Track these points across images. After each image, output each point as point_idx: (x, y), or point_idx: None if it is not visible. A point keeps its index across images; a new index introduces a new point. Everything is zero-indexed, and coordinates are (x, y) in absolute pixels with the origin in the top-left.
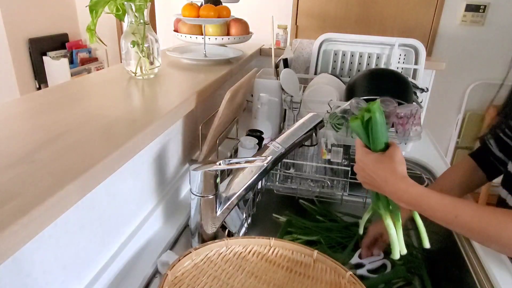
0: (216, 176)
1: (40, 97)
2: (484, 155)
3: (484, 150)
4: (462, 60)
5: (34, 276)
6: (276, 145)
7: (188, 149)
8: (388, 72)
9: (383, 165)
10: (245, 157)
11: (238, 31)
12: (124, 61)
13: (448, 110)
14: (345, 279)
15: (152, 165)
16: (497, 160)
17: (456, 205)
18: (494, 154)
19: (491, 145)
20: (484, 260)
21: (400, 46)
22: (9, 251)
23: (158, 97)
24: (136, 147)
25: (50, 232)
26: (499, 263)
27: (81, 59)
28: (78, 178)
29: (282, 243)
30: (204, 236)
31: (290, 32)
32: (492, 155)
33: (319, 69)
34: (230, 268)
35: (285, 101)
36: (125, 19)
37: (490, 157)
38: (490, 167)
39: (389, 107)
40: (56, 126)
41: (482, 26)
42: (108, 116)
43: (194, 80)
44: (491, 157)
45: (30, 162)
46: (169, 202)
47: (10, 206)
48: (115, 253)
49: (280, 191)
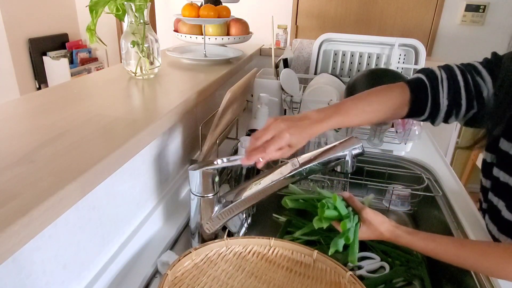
0: (215, 175)
1: (40, 97)
2: (423, 93)
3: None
4: (462, 60)
5: (34, 276)
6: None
7: (188, 149)
8: (388, 72)
9: (370, 234)
10: None
11: (238, 31)
12: (124, 61)
13: None
14: (345, 279)
15: (152, 165)
16: (435, 104)
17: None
18: (438, 99)
19: (442, 88)
20: None
21: (400, 46)
22: (9, 251)
23: (158, 97)
24: (136, 147)
25: (50, 232)
26: None
27: (81, 59)
28: (78, 178)
29: (282, 243)
30: (204, 236)
31: (290, 32)
32: (435, 98)
33: (319, 69)
34: (230, 268)
35: (285, 101)
36: (125, 19)
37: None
38: (420, 106)
39: None
40: (56, 126)
41: (482, 26)
42: (108, 116)
43: (194, 80)
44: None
45: (30, 162)
46: (169, 202)
47: (10, 206)
48: (115, 253)
49: (280, 191)
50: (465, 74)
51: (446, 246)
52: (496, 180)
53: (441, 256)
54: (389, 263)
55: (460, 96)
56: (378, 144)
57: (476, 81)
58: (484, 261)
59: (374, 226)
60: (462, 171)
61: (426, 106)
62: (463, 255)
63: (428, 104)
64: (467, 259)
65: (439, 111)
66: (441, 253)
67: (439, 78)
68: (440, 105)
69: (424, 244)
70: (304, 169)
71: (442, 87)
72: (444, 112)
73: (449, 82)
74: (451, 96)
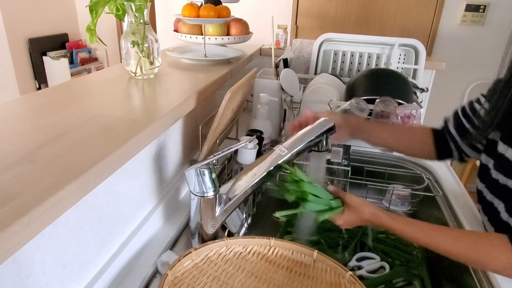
0: (211, 172)
1: (40, 97)
2: (441, 131)
3: (443, 127)
4: (462, 60)
5: (34, 276)
6: (283, 149)
7: (188, 149)
8: (388, 72)
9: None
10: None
11: (238, 31)
12: (124, 61)
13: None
14: (345, 279)
15: (152, 165)
16: (450, 137)
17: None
18: (449, 131)
19: (449, 122)
20: None
21: (400, 46)
22: (9, 251)
23: (158, 97)
24: (136, 147)
25: (50, 232)
26: None
27: (81, 59)
28: (78, 178)
29: (282, 243)
30: (204, 236)
31: (290, 32)
32: (448, 131)
33: (319, 69)
34: (230, 268)
35: (285, 101)
36: (125, 19)
37: (446, 133)
38: (443, 145)
39: (389, 107)
40: (56, 126)
41: (482, 26)
42: (108, 116)
43: (194, 80)
44: (446, 133)
45: (30, 162)
46: (169, 202)
47: (10, 206)
48: (115, 253)
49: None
50: (464, 105)
51: (426, 230)
52: (496, 182)
53: (421, 240)
54: (389, 263)
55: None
56: None
57: (472, 106)
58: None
59: (358, 209)
60: (462, 171)
61: (446, 139)
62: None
63: (446, 137)
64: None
65: (455, 138)
66: (420, 237)
67: (447, 118)
68: (452, 133)
69: (405, 226)
70: (291, 154)
71: (449, 121)
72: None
73: (454, 115)
74: (456, 124)
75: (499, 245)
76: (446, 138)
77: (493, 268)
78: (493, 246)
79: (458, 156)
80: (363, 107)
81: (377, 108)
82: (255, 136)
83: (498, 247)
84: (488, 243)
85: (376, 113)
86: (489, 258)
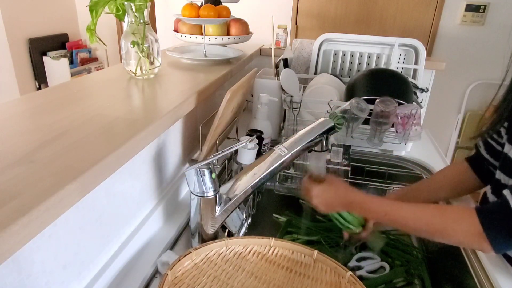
0: (211, 172)
1: (40, 97)
2: (477, 159)
3: (477, 154)
4: (462, 60)
5: (34, 276)
6: (283, 149)
7: (188, 149)
8: (388, 72)
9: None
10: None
11: (238, 31)
12: (124, 61)
13: (448, 110)
14: (345, 279)
15: (152, 165)
16: (486, 161)
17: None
18: (482, 155)
19: (480, 147)
20: (484, 260)
21: (400, 46)
22: (9, 251)
23: (158, 97)
24: (136, 147)
25: (50, 232)
26: (499, 264)
27: (81, 59)
28: (78, 178)
29: (282, 243)
30: (204, 236)
31: (290, 32)
32: (482, 156)
33: (319, 69)
34: (230, 268)
35: (285, 101)
36: (125, 19)
37: (483, 160)
38: (483, 170)
39: (389, 107)
40: (56, 126)
41: (482, 26)
42: (108, 116)
43: (194, 80)
44: (484, 161)
45: (30, 162)
46: (169, 202)
47: (10, 206)
48: (115, 253)
49: (280, 191)
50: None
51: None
52: (497, 182)
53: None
54: (389, 263)
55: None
56: (378, 144)
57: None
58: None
59: (334, 182)
60: None
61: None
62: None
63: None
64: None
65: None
66: (389, 210)
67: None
68: (485, 157)
69: (374, 202)
70: (291, 154)
71: (480, 146)
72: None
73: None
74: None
75: (464, 212)
76: (483, 163)
77: (455, 236)
78: (457, 213)
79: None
80: (363, 107)
81: (377, 108)
82: (255, 136)
83: (462, 214)
84: (454, 211)
85: (376, 113)
86: (452, 224)
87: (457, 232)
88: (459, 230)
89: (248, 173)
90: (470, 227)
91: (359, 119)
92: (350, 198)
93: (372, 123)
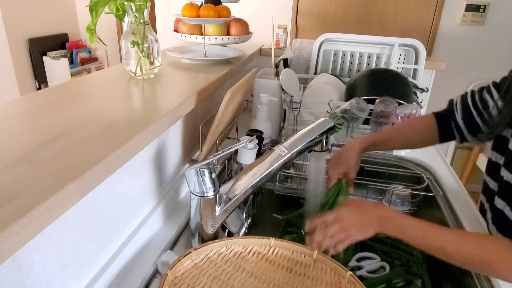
0: (211, 172)
1: (40, 97)
2: (446, 117)
3: (448, 113)
4: (462, 60)
5: (34, 276)
6: (283, 149)
7: (188, 149)
8: (388, 72)
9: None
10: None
11: (238, 31)
12: (124, 61)
13: None
14: (345, 279)
15: (152, 165)
16: (456, 126)
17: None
18: (455, 119)
19: (456, 110)
20: None
21: (400, 46)
22: (9, 251)
23: (158, 97)
24: (136, 147)
25: (50, 232)
26: None
27: (81, 59)
28: (78, 178)
29: (282, 243)
30: (204, 236)
31: (290, 32)
32: (453, 119)
33: (319, 69)
34: (230, 268)
35: (285, 101)
36: (125, 19)
37: (451, 121)
38: (447, 130)
39: (389, 107)
40: (56, 126)
41: (482, 26)
42: (108, 116)
43: (194, 80)
44: (451, 121)
45: (30, 162)
46: (169, 202)
47: (10, 206)
48: (115, 253)
49: (280, 191)
50: (473, 92)
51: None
52: (500, 179)
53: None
54: (389, 263)
55: (471, 112)
56: None
57: (483, 97)
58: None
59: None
60: (462, 171)
61: (451, 128)
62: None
63: (452, 126)
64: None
65: (461, 129)
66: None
67: (453, 102)
68: (459, 124)
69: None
70: (292, 154)
71: (456, 109)
72: (466, 129)
73: (461, 102)
74: (465, 114)
75: (504, 248)
76: (451, 125)
77: (500, 272)
78: (503, 249)
79: (460, 139)
80: (363, 107)
81: (377, 108)
82: (255, 136)
83: (503, 250)
84: (497, 244)
85: (376, 113)
86: (497, 259)
87: (502, 269)
88: (505, 268)
89: (248, 173)
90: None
91: (359, 119)
92: (384, 215)
93: (372, 123)
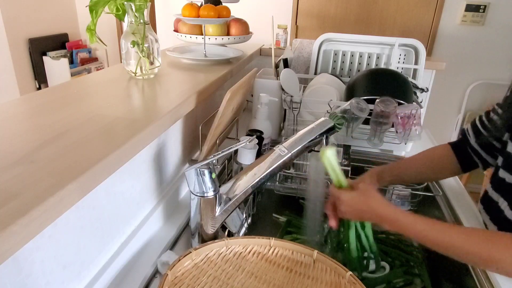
0: (211, 172)
1: (40, 97)
2: (462, 145)
3: (463, 141)
4: (462, 60)
5: (34, 276)
6: (283, 149)
7: (188, 149)
8: (388, 72)
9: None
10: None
11: (238, 31)
12: (124, 61)
13: (448, 110)
14: (345, 279)
15: (152, 165)
16: (473, 151)
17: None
18: (471, 145)
19: (469, 135)
20: None
21: (400, 46)
22: (9, 251)
23: (158, 97)
24: (136, 147)
25: (50, 232)
26: None
27: (81, 59)
28: (78, 178)
29: (282, 243)
30: (204, 236)
31: (290, 32)
32: (469, 145)
33: (319, 69)
34: (230, 268)
35: (285, 101)
36: (125, 19)
37: (467, 147)
38: (466, 158)
39: (389, 107)
40: (56, 126)
41: (482, 26)
42: (108, 116)
43: (194, 80)
44: (468, 147)
45: (30, 162)
46: (169, 202)
47: (10, 206)
48: (115, 253)
49: (280, 191)
50: (481, 116)
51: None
52: (502, 181)
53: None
54: (389, 263)
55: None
56: (378, 144)
57: (490, 117)
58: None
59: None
60: None
61: (470, 155)
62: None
63: (469, 152)
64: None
65: (479, 153)
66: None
67: (465, 130)
68: (475, 148)
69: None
70: (292, 154)
71: (468, 135)
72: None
73: (472, 128)
74: (477, 137)
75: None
76: (468, 152)
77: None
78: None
79: (482, 165)
80: (363, 107)
81: (377, 108)
82: (255, 136)
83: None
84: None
85: (376, 113)
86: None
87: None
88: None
89: (248, 173)
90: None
91: (359, 119)
92: (381, 212)
93: (372, 123)
